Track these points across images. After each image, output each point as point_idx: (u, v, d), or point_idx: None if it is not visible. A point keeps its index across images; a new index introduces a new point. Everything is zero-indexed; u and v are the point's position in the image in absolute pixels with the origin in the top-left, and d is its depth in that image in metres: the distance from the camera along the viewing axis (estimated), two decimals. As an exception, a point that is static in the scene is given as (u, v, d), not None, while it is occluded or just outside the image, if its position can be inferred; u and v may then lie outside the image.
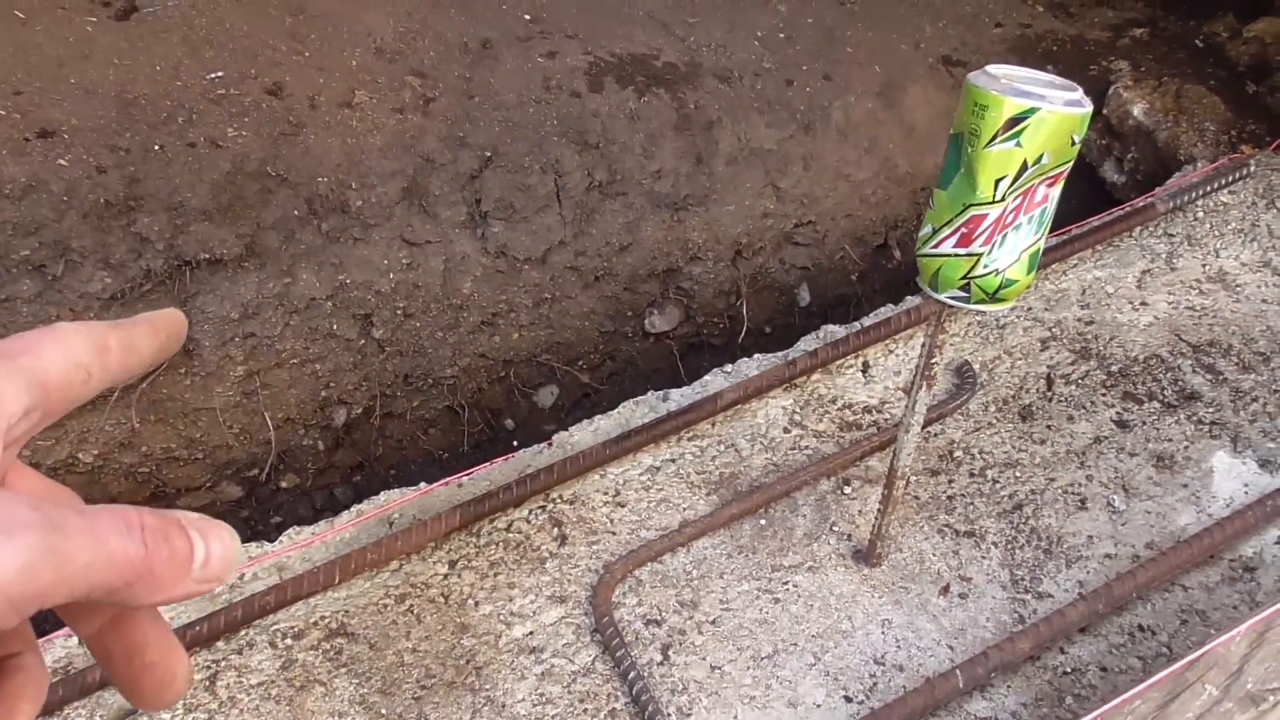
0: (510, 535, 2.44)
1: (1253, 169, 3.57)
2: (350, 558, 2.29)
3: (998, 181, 1.69)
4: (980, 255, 1.76)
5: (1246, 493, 2.60)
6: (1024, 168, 1.67)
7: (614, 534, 2.46)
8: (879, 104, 3.81)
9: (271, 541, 3.02)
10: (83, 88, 2.81)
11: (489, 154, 3.06)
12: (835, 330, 3.06)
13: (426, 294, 3.11)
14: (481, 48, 3.31)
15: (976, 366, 2.93)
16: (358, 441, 3.35)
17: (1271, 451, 2.70)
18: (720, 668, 2.18)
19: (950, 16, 4.24)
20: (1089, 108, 1.67)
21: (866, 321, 3.09)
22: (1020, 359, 3.00)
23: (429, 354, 3.23)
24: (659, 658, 2.19)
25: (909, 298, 3.22)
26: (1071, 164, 1.74)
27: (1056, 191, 1.79)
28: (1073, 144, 1.69)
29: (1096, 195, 4.17)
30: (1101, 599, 2.25)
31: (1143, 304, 3.19)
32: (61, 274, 2.55)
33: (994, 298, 1.82)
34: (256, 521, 3.28)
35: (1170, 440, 2.75)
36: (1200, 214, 3.48)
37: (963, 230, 1.76)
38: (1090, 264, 3.31)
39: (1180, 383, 2.92)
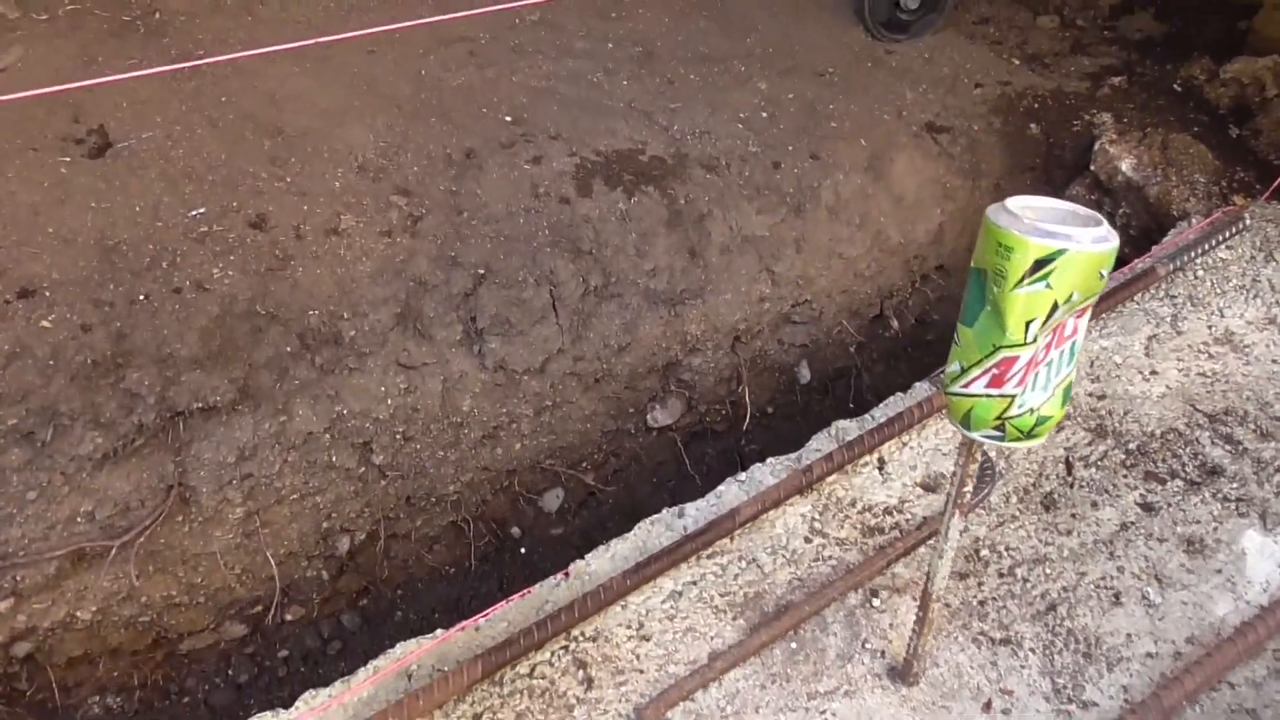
0: (534, 682, 2.35)
1: (1248, 222, 3.55)
2: (371, 723, 2.19)
3: (1028, 323, 1.63)
4: (1014, 396, 1.71)
5: (1282, 574, 2.54)
6: (1054, 308, 1.62)
7: (641, 671, 2.37)
8: (867, 178, 3.78)
9: (287, 708, 2.93)
10: (61, 236, 2.73)
11: (482, 271, 3.00)
12: (847, 426, 3.00)
13: (426, 415, 3.03)
14: (465, 158, 3.25)
15: (994, 455, 2.87)
16: (362, 566, 3.26)
17: (1302, 527, 2.65)
18: (765, 816, 2.10)
19: (929, 80, 4.23)
20: (1115, 241, 1.61)
21: (878, 414, 3.03)
22: (1036, 442, 2.94)
23: (431, 473, 3.15)
24: (701, 809, 2.11)
25: (917, 385, 3.16)
26: (1099, 293, 1.69)
27: (1084, 321, 1.74)
28: (1101, 277, 1.63)
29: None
30: (1151, 711, 2.18)
31: (1153, 373, 3.14)
32: (51, 439, 2.46)
33: (1029, 435, 1.76)
34: (263, 658, 3.18)
35: (1198, 522, 2.69)
36: (1200, 272, 3.45)
37: (994, 371, 1.70)
38: (1096, 334, 3.27)
39: (1200, 456, 2.87)
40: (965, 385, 1.76)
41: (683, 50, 4.13)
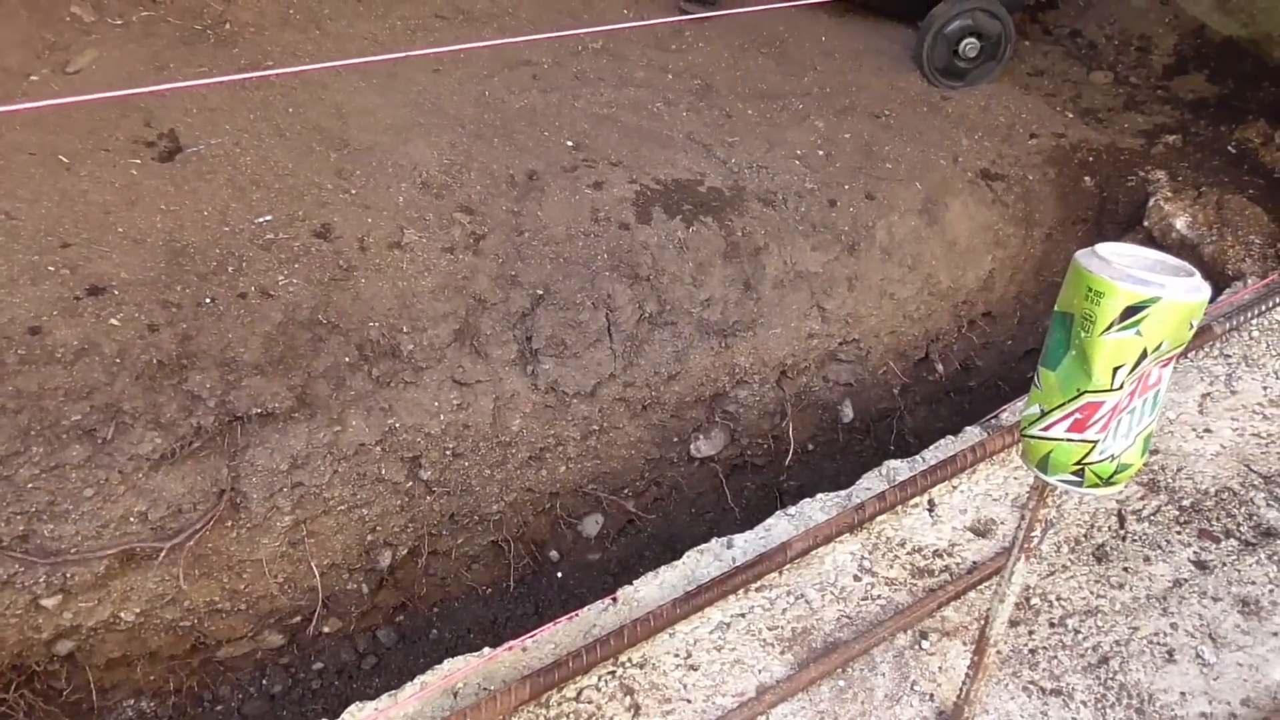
0: (580, 706, 2.34)
1: (1305, 285, 3.54)
2: (417, 738, 2.18)
3: (1115, 369, 1.62)
4: (1096, 442, 1.69)
5: (1339, 640, 2.51)
6: (1143, 355, 1.61)
7: (689, 701, 2.35)
8: (921, 221, 3.78)
9: (323, 701, 2.92)
10: (131, 237, 2.76)
11: (540, 292, 3.02)
12: (897, 466, 2.99)
13: (476, 433, 3.04)
14: (528, 179, 3.28)
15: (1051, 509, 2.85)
16: (401, 581, 3.25)
17: (1360, 594, 2.61)
18: None
19: (985, 128, 4.24)
20: (1208, 292, 1.61)
21: (928, 456, 3.02)
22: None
23: (476, 492, 3.15)
24: (747, 846, 2.08)
25: (968, 429, 3.14)
26: (1186, 344, 1.68)
27: (1169, 372, 1.73)
28: (1190, 328, 1.63)
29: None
30: (1208, 772, 2.14)
31: (1207, 431, 3.12)
32: (111, 437, 2.47)
33: (1108, 482, 1.74)
34: (298, 669, 3.17)
35: (1254, 583, 2.66)
36: (1255, 333, 3.43)
37: (1076, 416, 1.69)
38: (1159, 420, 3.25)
39: (1255, 517, 2.84)
40: (1045, 428, 1.75)
41: (741, 86, 4.17)
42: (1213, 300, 3.64)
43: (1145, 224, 4.01)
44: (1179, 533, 2.81)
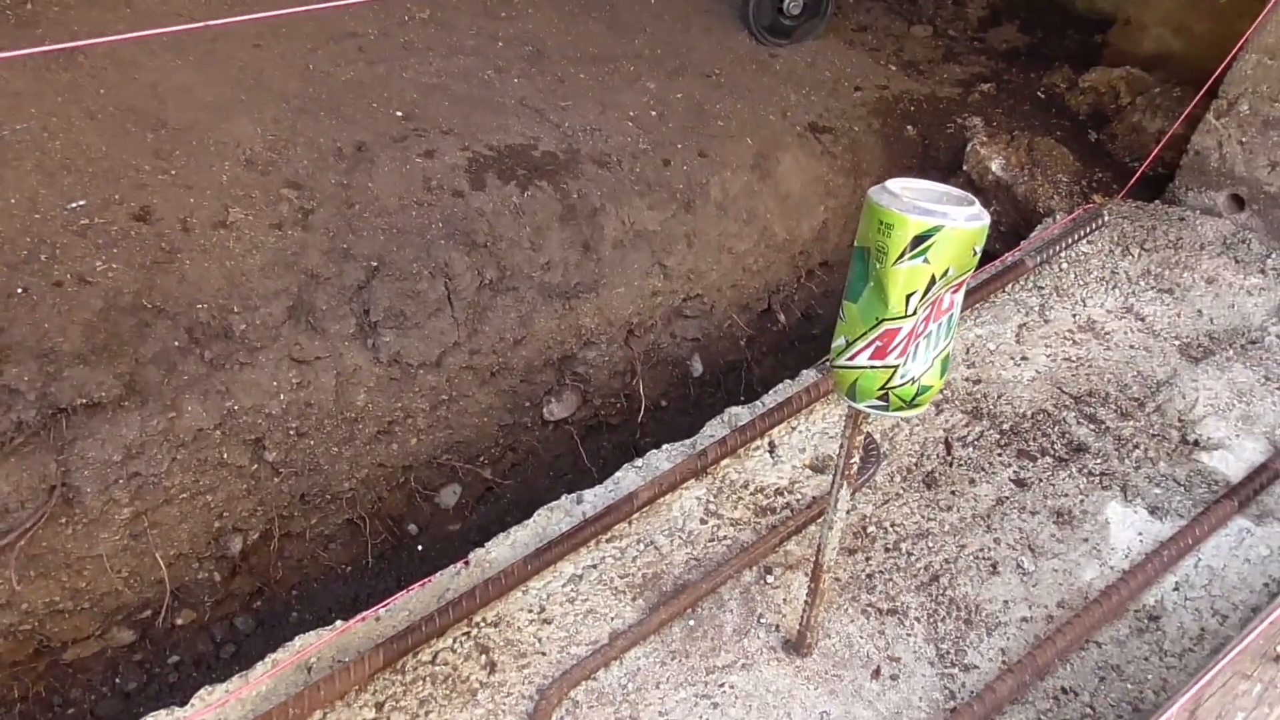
0: (437, 668, 2.36)
1: (1106, 218, 3.79)
2: (270, 715, 2.17)
3: (908, 296, 1.73)
4: (896, 367, 1.80)
5: (1141, 540, 2.72)
6: (932, 281, 1.72)
7: (544, 654, 2.40)
8: (753, 176, 3.89)
9: (177, 690, 2.86)
10: (-70, 229, 2.62)
11: (375, 264, 2.99)
12: (739, 412, 3.09)
13: (319, 411, 3.00)
14: (356, 151, 3.24)
15: (878, 437, 3.00)
16: (255, 567, 3.20)
17: (1158, 498, 2.84)
18: (668, 786, 2.15)
19: (811, 83, 4.38)
20: (987, 220, 1.72)
21: (768, 400, 3.13)
22: (918, 425, 3.08)
23: (325, 470, 3.12)
24: (605, 783, 2.15)
25: (804, 372, 3.27)
26: (973, 270, 1.80)
27: (960, 297, 1.85)
28: (974, 254, 1.74)
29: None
30: (1027, 669, 2.31)
31: (1024, 359, 3.33)
32: (-77, 437, 2.36)
33: (911, 404, 1.86)
34: (152, 664, 3.09)
35: (1066, 495, 2.86)
36: (1064, 265, 3.66)
37: (877, 343, 1.80)
38: (971, 323, 3.44)
39: (1068, 435, 3.05)
40: (851, 358, 1.85)
41: (572, 50, 4.19)
42: (1025, 236, 3.87)
43: (964, 168, 4.22)
44: (1000, 455, 2.99)
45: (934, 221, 1.67)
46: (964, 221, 1.70)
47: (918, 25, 5.29)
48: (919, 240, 1.69)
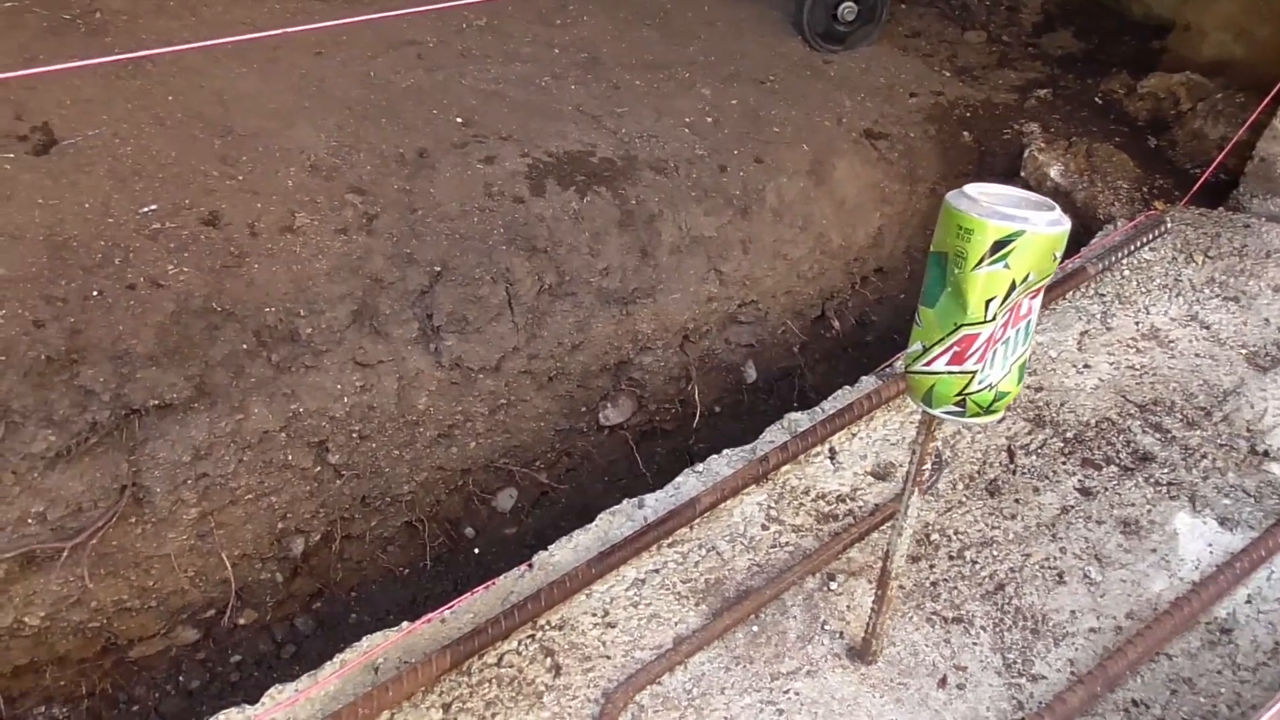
0: (502, 671, 2.37)
1: (1169, 225, 3.73)
2: (339, 715, 2.19)
3: (988, 301, 1.72)
4: (975, 372, 1.79)
5: (1211, 552, 2.68)
6: (1012, 287, 1.71)
7: (608, 658, 2.41)
8: (809, 182, 3.88)
9: (241, 689, 2.89)
10: (7, 233, 2.68)
11: (438, 268, 3.02)
12: (798, 418, 3.08)
13: (381, 414, 3.03)
14: (418, 157, 3.27)
15: (939, 444, 2.98)
16: (315, 569, 3.23)
17: (1228, 508, 2.79)
18: (735, 792, 2.14)
19: (866, 89, 4.36)
20: (1068, 225, 1.71)
21: (827, 406, 3.12)
22: (979, 433, 3.05)
23: (386, 473, 3.15)
24: (672, 788, 2.14)
25: (864, 379, 3.25)
26: (1052, 275, 1.78)
27: (1038, 303, 1.83)
28: (1054, 259, 1.73)
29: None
30: (1098, 680, 2.28)
31: (1086, 366, 3.29)
32: (2, 437, 2.41)
33: (988, 410, 1.85)
34: (215, 664, 3.13)
35: (1133, 505, 2.82)
36: (1126, 272, 3.62)
37: (955, 349, 1.79)
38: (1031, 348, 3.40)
39: (1133, 444, 3.01)
40: (928, 364, 1.84)
41: (627, 57, 4.21)
42: (1086, 243, 3.83)
43: (1022, 174, 4.18)
44: (1064, 463, 2.96)
45: (1015, 226, 1.66)
46: (1045, 227, 1.68)
47: (971, 31, 5.25)
48: (999, 245, 1.67)
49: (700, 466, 2.93)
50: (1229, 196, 3.98)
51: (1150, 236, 3.68)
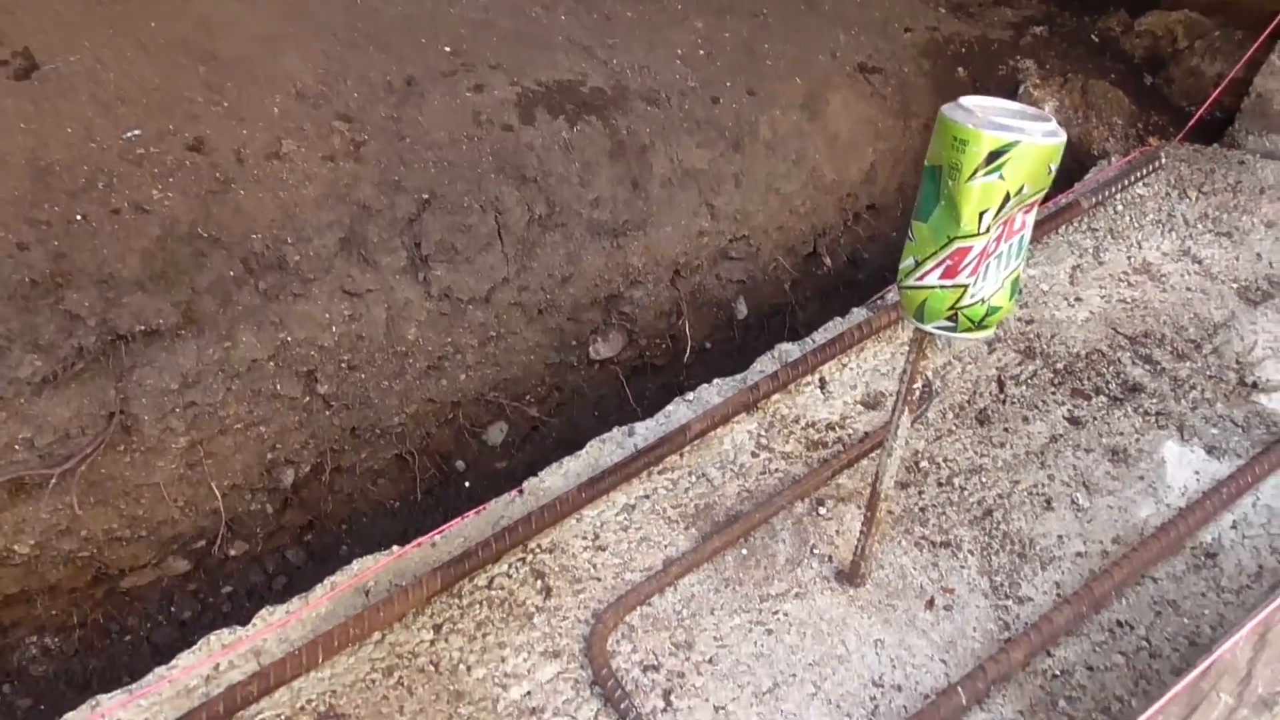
0: (493, 593, 2.38)
1: (1163, 161, 3.71)
2: (331, 634, 2.20)
3: (981, 214, 1.71)
4: (967, 286, 1.78)
5: (1198, 480, 2.69)
6: (1006, 199, 1.69)
7: (599, 580, 2.42)
8: (803, 116, 3.84)
9: (233, 618, 2.90)
10: (-10, 157, 2.64)
11: (426, 196, 2.99)
12: (789, 349, 3.08)
13: (371, 344, 3.01)
14: (406, 85, 3.22)
15: (930, 374, 2.98)
16: (306, 500, 3.23)
17: (1215, 438, 2.80)
18: (724, 708, 2.17)
19: (861, 23, 4.30)
20: (1064, 137, 1.69)
21: (818, 337, 3.11)
22: (970, 363, 3.05)
23: (375, 404, 3.13)
24: (661, 704, 2.17)
25: (854, 310, 3.25)
26: (1046, 190, 1.77)
27: (1032, 218, 1.82)
28: (1049, 172, 1.72)
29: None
30: (1083, 601, 2.30)
31: (1077, 299, 3.28)
32: (-12, 360, 2.39)
33: (980, 325, 1.84)
34: (206, 594, 3.14)
35: (1121, 434, 2.83)
36: (1120, 207, 3.60)
37: (948, 263, 1.78)
38: (1024, 264, 3.39)
39: (1122, 375, 3.02)
40: (920, 278, 1.83)
41: (619, -11, 4.14)
42: (1079, 178, 3.81)
43: (1016, 111, 4.14)
44: (1054, 393, 2.96)
45: (1010, 137, 1.65)
46: (1040, 137, 1.67)
47: (967, -32, 5.18)
48: (994, 156, 1.66)
49: (690, 395, 2.93)
50: (1224, 133, 3.95)
51: (1144, 172, 3.66)
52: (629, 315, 3.59)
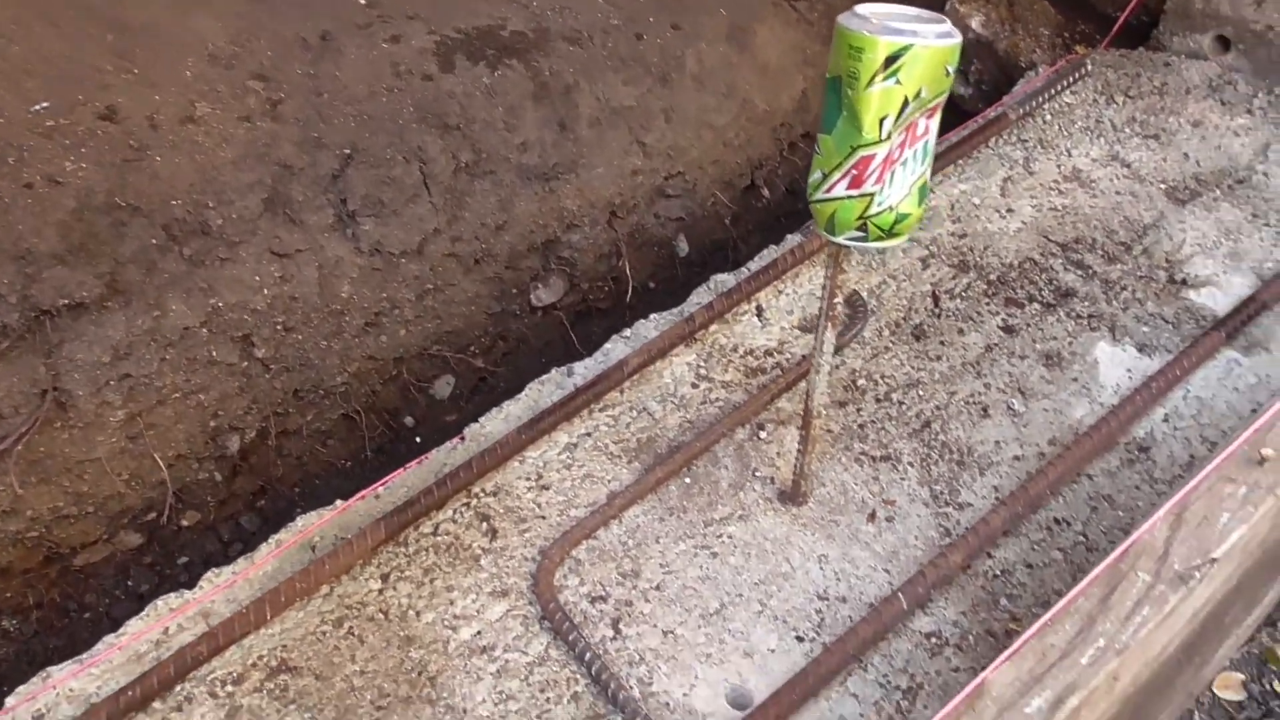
0: (439, 539, 2.40)
1: (1089, 68, 3.73)
2: (278, 591, 2.21)
3: (881, 120, 1.71)
4: (873, 194, 1.79)
5: (1130, 378, 2.74)
6: (905, 104, 1.70)
7: (544, 518, 2.44)
8: (730, 48, 3.82)
9: (190, 588, 2.90)
10: (-108, 138, 2.58)
11: (348, 151, 2.96)
12: (724, 279, 3.08)
13: (305, 304, 2.99)
14: (321, 40, 3.17)
15: (865, 294, 3.00)
16: (255, 466, 3.22)
17: (1147, 335, 2.85)
18: (672, 632, 2.20)
19: (783, -50, 4.27)
20: (959, 38, 1.70)
21: (753, 266, 3.12)
22: (904, 280, 3.08)
23: (316, 365, 3.12)
24: (611, 633, 2.20)
25: (789, 236, 3.26)
26: (947, 94, 1.77)
27: (935, 123, 1.83)
28: (947, 74, 1.72)
29: (947, 110, 4.28)
30: (1020, 501, 2.34)
31: (1009, 211, 3.31)
32: (-93, 343, 2.36)
33: (890, 233, 1.85)
34: (162, 566, 3.13)
35: (1055, 339, 2.87)
36: (1048, 117, 3.62)
37: (853, 172, 1.78)
38: (954, 179, 3.41)
39: (1055, 282, 3.05)
40: (828, 190, 1.84)
41: (536, -70, 4.07)
42: (1009, 92, 3.82)
43: (943, 28, 4.13)
44: (988, 304, 2.99)
45: (904, 41, 1.65)
46: (934, 39, 1.67)
47: (891, -111, 5.13)
48: (890, 61, 1.66)
49: (628, 331, 2.94)
50: (1149, 36, 3.96)
51: (1071, 80, 3.67)
52: (568, 260, 3.58)
